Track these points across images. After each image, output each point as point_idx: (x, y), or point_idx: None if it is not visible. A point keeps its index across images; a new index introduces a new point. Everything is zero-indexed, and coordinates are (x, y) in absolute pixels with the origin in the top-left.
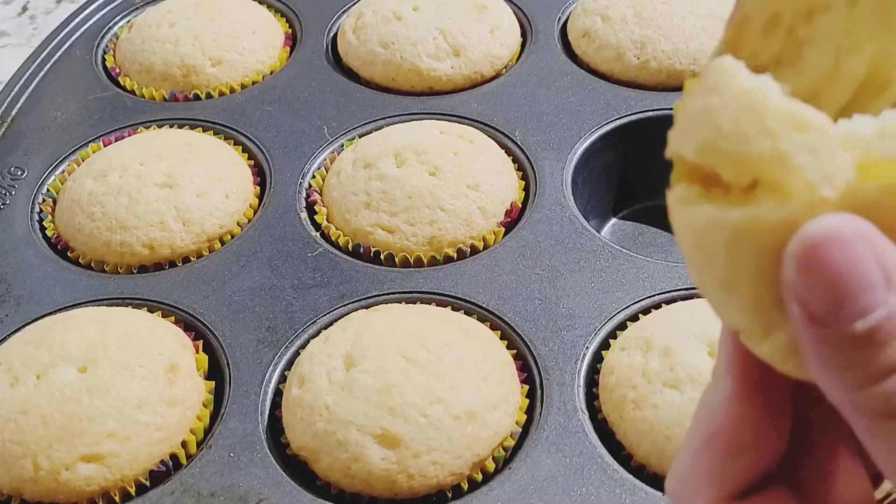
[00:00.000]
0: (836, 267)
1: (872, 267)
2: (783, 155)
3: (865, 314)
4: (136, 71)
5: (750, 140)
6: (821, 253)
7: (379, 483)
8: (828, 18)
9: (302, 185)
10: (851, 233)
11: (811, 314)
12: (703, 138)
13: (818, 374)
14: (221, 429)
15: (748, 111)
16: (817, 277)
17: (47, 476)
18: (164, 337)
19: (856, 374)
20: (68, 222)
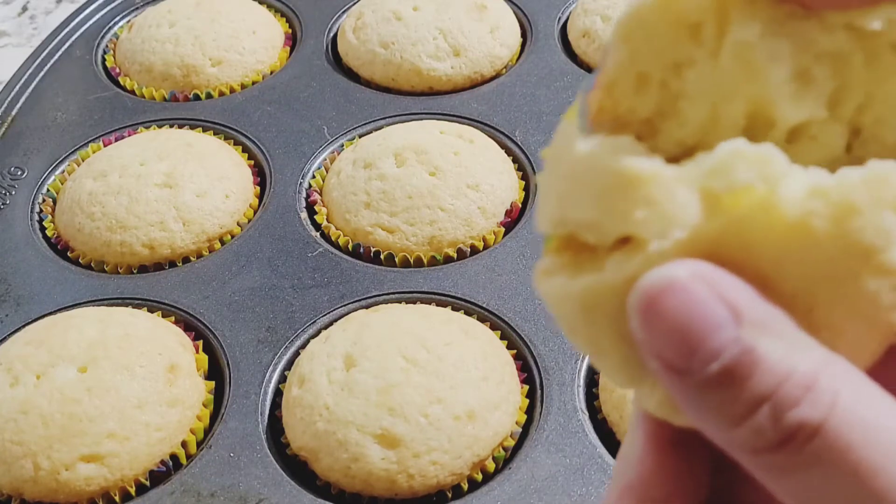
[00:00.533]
0: (678, 315)
1: (715, 306)
2: (622, 213)
3: (718, 355)
4: (136, 71)
5: (588, 206)
6: (659, 304)
7: (379, 483)
8: (695, 71)
9: (302, 185)
10: (687, 277)
11: (668, 365)
12: (551, 213)
13: (694, 420)
14: (221, 429)
15: (582, 178)
16: (662, 329)
17: (47, 476)
18: (164, 337)
19: (725, 415)
20: (68, 222)
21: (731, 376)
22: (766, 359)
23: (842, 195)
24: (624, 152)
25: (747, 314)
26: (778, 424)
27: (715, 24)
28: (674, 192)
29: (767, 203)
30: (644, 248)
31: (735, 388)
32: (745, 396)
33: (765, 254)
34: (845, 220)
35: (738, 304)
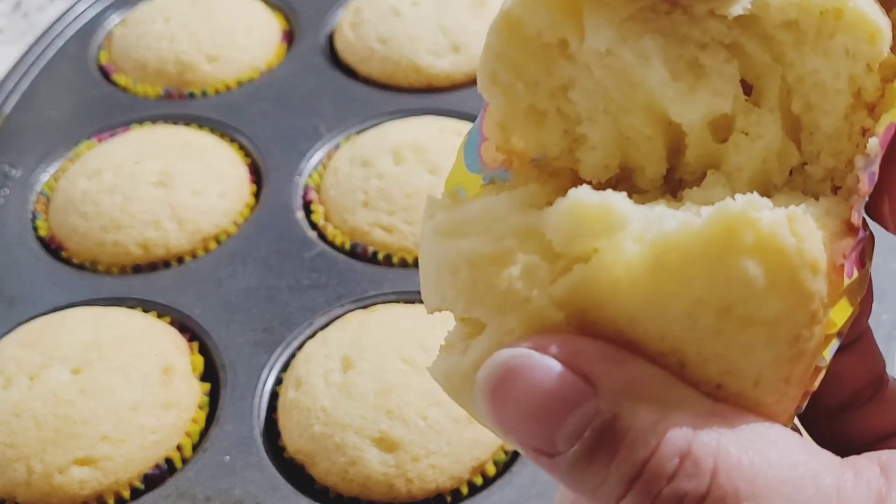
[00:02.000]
0: (528, 398)
1: (570, 381)
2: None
3: (582, 432)
4: (130, 68)
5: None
6: (505, 390)
7: (377, 487)
8: (578, 91)
9: (298, 183)
10: (534, 356)
11: (535, 449)
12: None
13: (582, 498)
14: (217, 432)
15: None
16: (515, 415)
17: (40, 479)
18: (158, 338)
19: (602, 496)
20: (62, 222)
21: (597, 454)
22: (631, 427)
23: (684, 248)
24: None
25: (605, 382)
26: (658, 500)
27: (577, 36)
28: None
29: (609, 262)
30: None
31: (604, 469)
32: (614, 477)
33: (618, 314)
34: (696, 273)
35: (594, 372)
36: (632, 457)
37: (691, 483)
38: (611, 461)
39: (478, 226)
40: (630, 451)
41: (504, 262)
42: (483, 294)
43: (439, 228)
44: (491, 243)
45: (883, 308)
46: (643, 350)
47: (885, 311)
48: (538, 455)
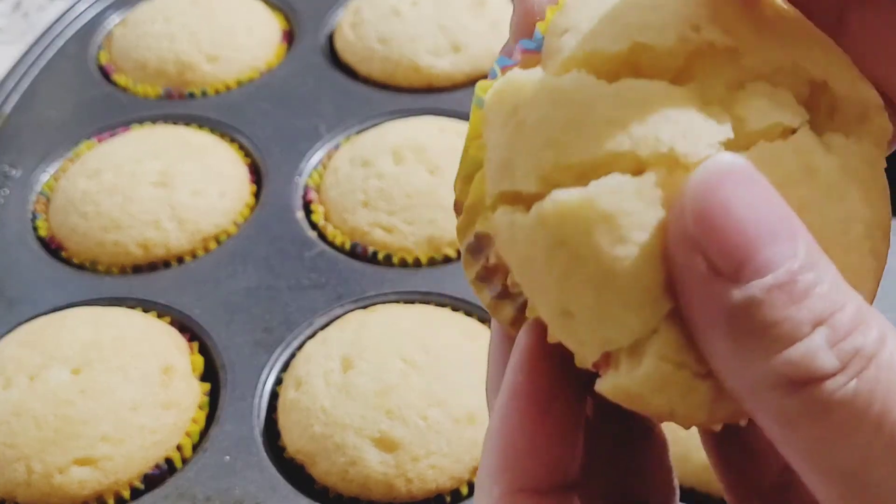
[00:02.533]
0: (742, 208)
1: (782, 214)
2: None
3: (777, 266)
4: (130, 68)
5: (599, 139)
6: (726, 191)
7: (377, 487)
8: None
9: (298, 183)
10: (751, 171)
11: (716, 268)
12: (539, 164)
13: (723, 347)
14: (217, 432)
15: (578, 110)
16: (724, 217)
17: (40, 479)
18: (158, 338)
19: (770, 336)
20: (62, 222)
21: (788, 292)
22: (821, 282)
23: (857, 162)
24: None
25: (802, 232)
26: (836, 348)
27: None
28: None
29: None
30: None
31: (790, 305)
32: (800, 315)
33: (792, 197)
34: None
35: (795, 219)
36: (823, 304)
37: (868, 339)
38: (800, 301)
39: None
40: (822, 299)
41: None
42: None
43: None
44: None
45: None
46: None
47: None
48: (715, 277)
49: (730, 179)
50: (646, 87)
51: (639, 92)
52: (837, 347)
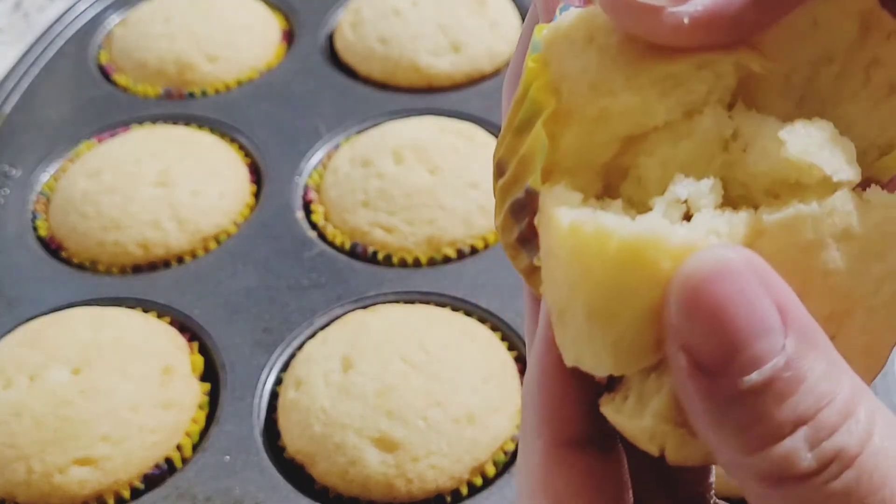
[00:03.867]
0: (726, 306)
1: (768, 307)
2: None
3: (762, 363)
4: (130, 67)
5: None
6: (707, 289)
7: (377, 487)
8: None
9: (298, 183)
10: (743, 266)
11: (698, 364)
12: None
13: (707, 434)
14: (217, 432)
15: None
16: (704, 319)
17: (40, 479)
18: (158, 338)
19: (750, 434)
20: (62, 222)
21: (770, 390)
22: (810, 376)
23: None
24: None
25: (796, 322)
26: (816, 450)
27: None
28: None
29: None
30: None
31: (772, 405)
32: (782, 416)
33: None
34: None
35: (788, 307)
36: (805, 403)
37: (852, 439)
38: (782, 401)
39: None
40: (805, 398)
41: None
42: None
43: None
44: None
45: None
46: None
47: None
48: (698, 373)
49: (719, 275)
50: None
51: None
52: (819, 448)
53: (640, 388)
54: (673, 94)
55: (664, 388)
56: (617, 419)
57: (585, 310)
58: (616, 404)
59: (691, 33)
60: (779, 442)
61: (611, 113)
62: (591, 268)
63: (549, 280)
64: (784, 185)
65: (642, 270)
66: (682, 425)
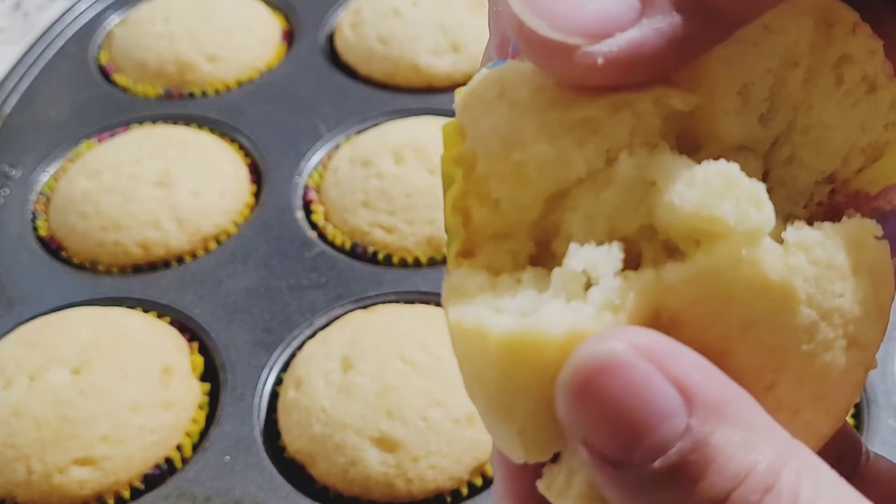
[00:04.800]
0: (617, 399)
1: (664, 390)
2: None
3: (665, 449)
4: (130, 67)
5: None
6: (597, 384)
7: (377, 487)
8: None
9: (298, 183)
10: (628, 353)
11: (601, 456)
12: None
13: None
14: (217, 432)
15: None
16: (597, 414)
17: (40, 479)
18: (158, 338)
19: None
20: (62, 222)
21: (679, 475)
22: (721, 454)
23: (827, 254)
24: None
25: (700, 398)
26: None
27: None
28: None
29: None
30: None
31: (683, 490)
32: (696, 499)
33: (732, 316)
34: (828, 283)
35: (691, 385)
36: (718, 484)
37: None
38: (693, 485)
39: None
40: (717, 478)
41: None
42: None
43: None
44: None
45: None
46: (736, 364)
47: None
48: (603, 464)
49: (604, 370)
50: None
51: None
52: None
53: (570, 465)
54: (591, 141)
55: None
56: (549, 497)
57: (483, 407)
58: (547, 481)
59: (606, 73)
60: None
61: (527, 168)
62: (478, 367)
63: (461, 374)
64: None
65: (526, 367)
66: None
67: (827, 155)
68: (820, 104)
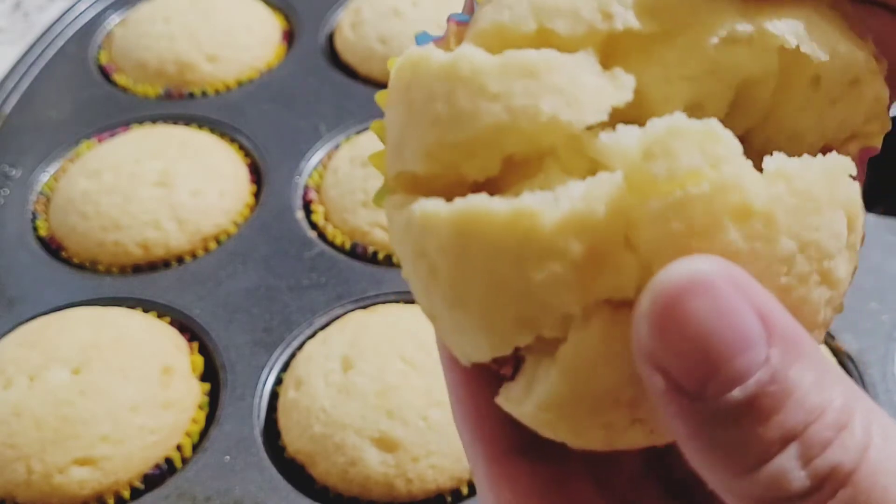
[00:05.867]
0: (703, 322)
1: (748, 318)
2: (523, 110)
3: (744, 378)
4: (130, 67)
5: (477, 115)
6: (684, 306)
7: (377, 487)
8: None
9: (298, 183)
10: (720, 277)
11: (675, 386)
12: (424, 142)
13: (692, 456)
14: (217, 432)
15: (461, 86)
16: (681, 338)
17: (40, 479)
18: (158, 338)
19: (740, 454)
20: (62, 222)
21: (757, 407)
22: (798, 388)
23: (806, 185)
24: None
25: (780, 331)
26: (809, 468)
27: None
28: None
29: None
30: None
31: (759, 423)
32: (769, 434)
33: (713, 247)
34: (806, 215)
35: (772, 316)
36: (795, 418)
37: (847, 454)
38: (768, 418)
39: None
40: (794, 412)
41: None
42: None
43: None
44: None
45: (883, 308)
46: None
47: (885, 311)
48: (678, 395)
49: (692, 290)
50: (532, 55)
51: (524, 60)
52: (811, 466)
53: (531, 374)
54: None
55: (552, 375)
56: (507, 407)
57: (442, 300)
58: (505, 393)
59: None
60: (768, 462)
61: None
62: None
63: (412, 286)
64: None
65: (476, 240)
66: (569, 416)
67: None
68: (790, 115)
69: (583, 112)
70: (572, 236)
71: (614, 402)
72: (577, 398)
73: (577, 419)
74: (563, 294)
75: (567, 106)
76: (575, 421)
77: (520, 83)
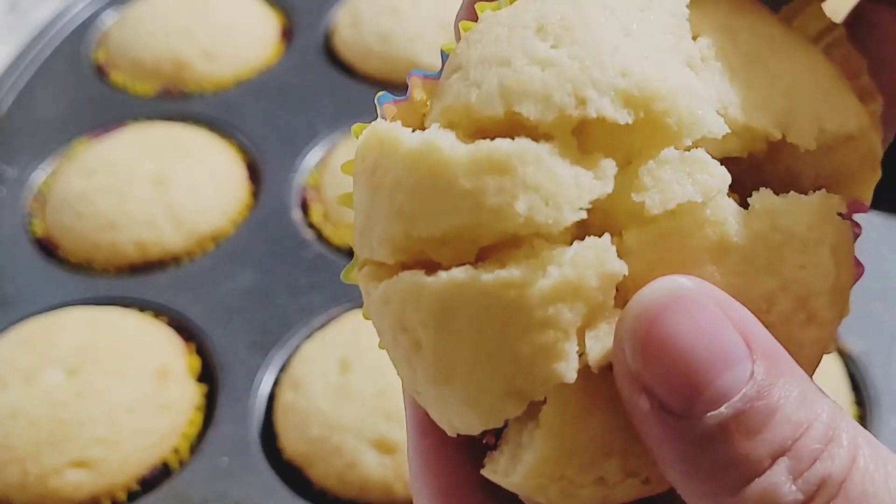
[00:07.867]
0: (686, 340)
1: (731, 336)
2: (496, 210)
3: (731, 395)
4: (126, 66)
5: (446, 212)
6: (666, 323)
7: (375, 490)
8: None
9: (296, 182)
10: (701, 293)
11: (663, 406)
12: (390, 234)
13: (680, 483)
14: (214, 434)
15: (429, 179)
16: (665, 356)
17: (35, 482)
18: (154, 339)
19: (728, 474)
20: (57, 221)
21: (745, 423)
22: (785, 403)
23: (791, 223)
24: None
25: (762, 348)
26: (800, 481)
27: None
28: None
29: (706, 220)
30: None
31: (747, 439)
32: (759, 449)
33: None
34: (790, 253)
35: (754, 334)
36: (784, 431)
37: (836, 465)
38: (758, 432)
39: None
40: (782, 427)
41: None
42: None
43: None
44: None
45: (885, 309)
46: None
47: (888, 312)
48: (663, 416)
49: (672, 306)
50: (505, 148)
51: (496, 154)
52: (802, 479)
53: (516, 442)
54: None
55: (537, 439)
56: (494, 479)
57: (428, 378)
58: (492, 464)
59: None
60: (759, 477)
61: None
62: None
63: (392, 358)
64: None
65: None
66: (560, 477)
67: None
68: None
69: (560, 210)
70: (563, 305)
71: (606, 452)
72: (567, 455)
73: (568, 479)
74: (555, 362)
75: (544, 205)
76: (566, 482)
77: (492, 180)
